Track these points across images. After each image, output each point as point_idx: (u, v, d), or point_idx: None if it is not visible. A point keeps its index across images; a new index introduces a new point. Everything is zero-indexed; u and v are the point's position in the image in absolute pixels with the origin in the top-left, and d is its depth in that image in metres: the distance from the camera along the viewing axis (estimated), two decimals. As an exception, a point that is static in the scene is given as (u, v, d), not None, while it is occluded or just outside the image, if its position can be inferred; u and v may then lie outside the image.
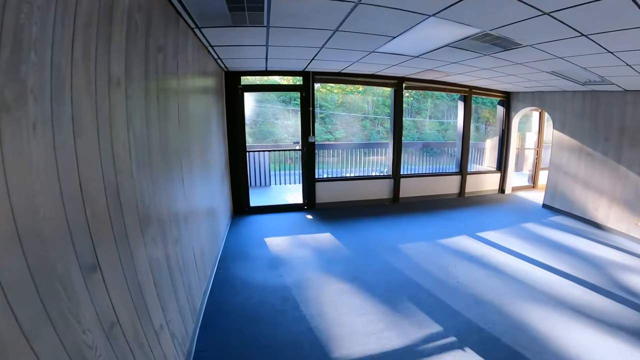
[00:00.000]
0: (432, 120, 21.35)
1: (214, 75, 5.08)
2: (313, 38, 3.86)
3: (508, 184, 9.22)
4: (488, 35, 3.43)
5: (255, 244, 5.17)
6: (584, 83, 6.06)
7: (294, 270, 4.37)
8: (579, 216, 7.32)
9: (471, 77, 6.55)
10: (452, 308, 3.71)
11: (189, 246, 2.99)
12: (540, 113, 9.96)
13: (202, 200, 3.75)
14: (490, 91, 8.39)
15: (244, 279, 4.12)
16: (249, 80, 7.49)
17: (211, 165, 4.47)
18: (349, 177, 7.56)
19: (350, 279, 4.20)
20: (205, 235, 3.84)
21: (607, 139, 6.75)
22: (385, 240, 5.48)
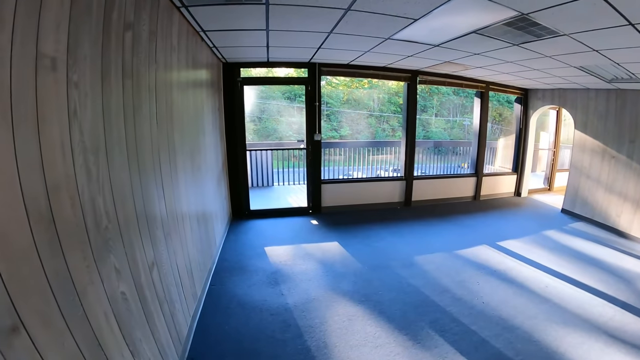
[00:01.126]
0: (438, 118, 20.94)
1: (209, 66, 4.56)
2: (320, 21, 3.33)
3: (524, 187, 8.77)
4: (525, 19, 3.01)
5: (254, 254, 4.63)
6: (610, 80, 5.72)
7: (296, 287, 3.85)
8: (601, 223, 6.92)
9: (491, 71, 6.08)
10: (479, 336, 3.26)
11: (171, 267, 2.49)
12: (558, 112, 9.47)
13: (191, 206, 3.25)
14: (508, 87, 7.90)
15: (240, 298, 3.61)
16: (249, 73, 6.98)
17: (204, 166, 3.96)
18: (357, 179, 7.04)
19: (361, 299, 3.69)
20: (195, 248, 3.33)
21: (633, 141, 6.33)
22: (398, 251, 4.97)
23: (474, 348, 3.10)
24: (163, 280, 2.26)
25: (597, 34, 3.27)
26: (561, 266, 4.93)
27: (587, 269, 4.97)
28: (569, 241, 6.07)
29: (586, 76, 5.61)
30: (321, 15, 3.13)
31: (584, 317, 3.80)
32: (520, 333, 3.35)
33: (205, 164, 4.05)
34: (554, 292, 4.22)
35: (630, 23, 2.87)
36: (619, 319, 3.86)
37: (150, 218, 2.09)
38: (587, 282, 4.55)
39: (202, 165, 3.82)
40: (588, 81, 6.11)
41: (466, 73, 6.57)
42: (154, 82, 2.25)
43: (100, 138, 1.53)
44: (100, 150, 1.53)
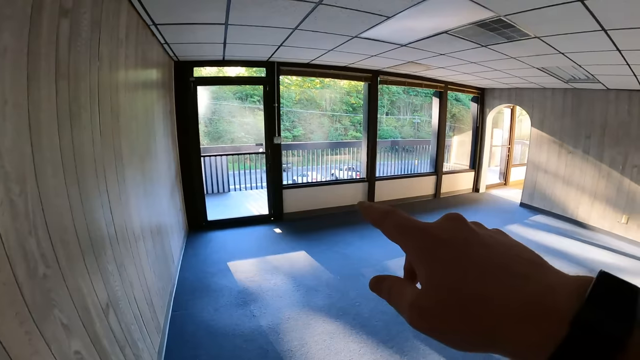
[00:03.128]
0: (389, 117, 21.23)
1: (160, 64, 4.11)
2: (287, 14, 3.02)
3: (482, 183, 8.98)
4: (500, 21, 2.96)
5: (217, 271, 4.22)
6: (568, 81, 5.96)
7: (268, 306, 3.51)
8: (560, 215, 7.21)
9: (452, 71, 6.07)
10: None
11: (129, 303, 2.10)
12: (513, 110, 9.82)
13: (145, 225, 2.83)
14: (466, 87, 8.02)
15: (208, 324, 3.22)
16: (201, 72, 6.51)
17: (156, 177, 3.51)
18: (320, 183, 6.77)
19: (339, 313, 3.43)
20: (153, 272, 2.89)
21: (589, 137, 6.66)
22: (368, 256, 4.76)
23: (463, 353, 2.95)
24: (122, 321, 1.88)
25: (568, 38, 3.31)
26: None
27: (553, 261, 4.97)
28: (531, 234, 6.20)
29: (545, 76, 5.74)
30: (289, 8, 2.84)
31: None
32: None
33: (158, 175, 3.59)
34: None
35: (604, 29, 2.91)
36: None
37: (98, 249, 1.70)
38: None
39: (154, 176, 3.37)
40: (546, 81, 6.28)
41: (427, 73, 6.53)
42: (97, 82, 1.85)
43: (26, 159, 1.15)
44: (27, 176, 1.14)
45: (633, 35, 3.00)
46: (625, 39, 3.13)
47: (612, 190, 6.42)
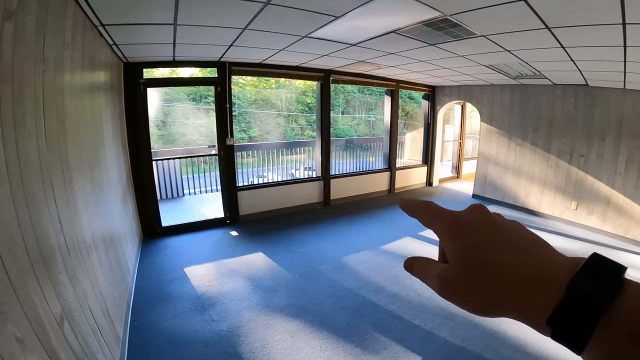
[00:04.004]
0: (345, 116, 21.45)
1: (109, 66, 3.97)
2: (236, 14, 3.01)
3: (435, 177, 9.32)
4: (446, 20, 3.04)
5: (174, 278, 4.12)
6: (516, 77, 6.24)
7: (227, 310, 3.48)
8: (512, 204, 7.59)
9: (403, 70, 6.23)
10: (423, 329, 3.27)
11: (84, 314, 2.03)
12: (463, 106, 10.27)
13: (96, 234, 2.73)
14: (417, 85, 8.29)
15: (168, 332, 3.15)
16: (152, 74, 6.31)
17: (107, 184, 3.39)
18: (275, 183, 6.73)
19: (299, 312, 3.46)
20: (108, 282, 2.80)
21: (537, 130, 7.05)
22: (325, 253, 4.82)
23: (422, 342, 3.10)
24: (78, 334, 1.82)
25: (514, 36, 3.42)
26: None
27: None
28: (484, 224, 6.46)
29: (493, 73, 5.95)
30: (238, 8, 2.82)
31: None
32: (461, 319, 3.42)
33: (108, 181, 3.47)
34: None
35: (547, 27, 3.02)
36: None
37: (49, 260, 1.64)
38: None
39: (104, 183, 3.25)
40: (494, 78, 6.54)
41: (378, 72, 6.65)
42: (42, 87, 1.78)
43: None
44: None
45: (576, 33, 3.14)
46: (569, 36, 3.28)
47: (560, 178, 6.84)
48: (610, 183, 6.30)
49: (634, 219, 6.06)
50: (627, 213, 6.14)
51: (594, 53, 3.92)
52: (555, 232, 6.32)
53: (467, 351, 3.01)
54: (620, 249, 5.84)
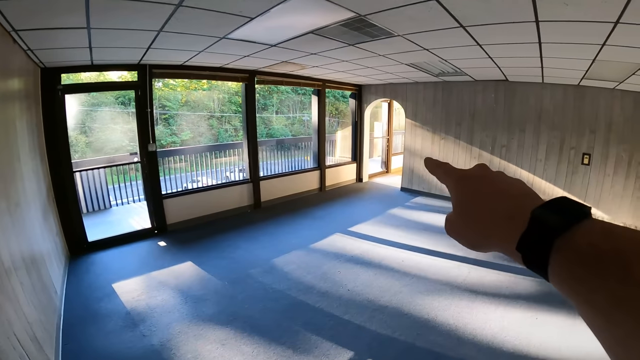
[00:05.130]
0: (279, 116, 21.42)
1: (25, 73, 3.70)
2: (148, 17, 2.92)
3: (365, 173, 9.61)
4: (362, 20, 3.10)
5: (103, 295, 3.92)
6: (438, 75, 6.49)
7: (158, 324, 3.38)
8: (438, 194, 8.00)
9: (327, 70, 6.32)
10: (354, 324, 3.36)
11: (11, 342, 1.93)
12: (390, 104, 10.63)
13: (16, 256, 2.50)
14: (344, 84, 8.47)
15: (101, 352, 3.01)
16: (75, 78, 5.96)
17: (24, 201, 3.12)
18: (203, 188, 6.53)
19: (229, 319, 3.44)
20: (33, 306, 2.59)
21: (460, 124, 7.50)
22: (256, 257, 4.81)
23: (353, 337, 3.18)
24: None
25: (430, 35, 3.51)
26: (412, 239, 5.40)
27: (435, 237, 5.57)
28: (413, 215, 6.74)
29: (416, 72, 6.15)
30: (150, 11, 2.74)
31: (444, 281, 4.22)
32: (391, 310, 3.55)
33: (26, 199, 3.23)
34: (411, 264, 4.59)
35: (462, 25, 3.13)
36: (475, 274, 4.44)
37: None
38: (438, 249, 5.09)
39: (21, 201, 3.03)
40: (417, 76, 6.79)
41: (304, 72, 6.69)
42: None
43: None
44: None
45: (491, 31, 3.27)
46: (484, 34, 3.41)
47: None
48: (532, 170, 6.88)
49: None
50: (549, 196, 6.58)
51: (510, 50, 4.10)
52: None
53: (398, 341, 3.14)
54: None
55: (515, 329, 3.43)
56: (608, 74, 4.90)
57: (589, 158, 6.39)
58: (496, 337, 3.28)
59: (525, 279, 4.48)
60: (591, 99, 6.20)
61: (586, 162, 6.43)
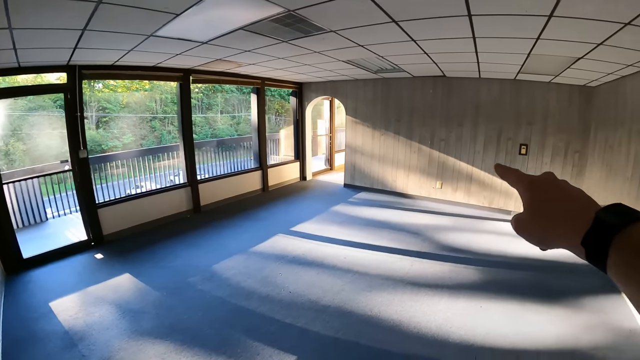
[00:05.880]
0: (224, 115, 21.06)
1: None
2: (71, 15, 2.77)
3: (308, 171, 9.64)
4: (292, 16, 3.05)
5: (40, 316, 3.66)
6: (376, 71, 6.57)
7: (96, 342, 3.20)
8: (381, 189, 8.20)
9: (265, 67, 6.25)
10: (296, 327, 3.35)
11: None
12: (331, 101, 10.76)
13: None
14: (284, 82, 8.44)
15: None
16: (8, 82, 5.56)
17: None
18: (139, 194, 6.20)
19: (168, 331, 3.33)
20: None
21: (399, 120, 7.69)
22: (196, 264, 4.67)
23: (296, 340, 3.17)
24: None
25: (363, 31, 3.51)
26: (354, 235, 5.46)
27: (378, 232, 5.66)
28: (356, 211, 6.83)
29: (354, 69, 6.19)
30: (71, 8, 2.60)
31: (386, 275, 4.29)
32: (333, 310, 3.56)
33: None
34: (353, 261, 4.63)
35: (394, 20, 3.13)
36: (417, 267, 4.55)
37: None
38: (380, 244, 5.18)
39: None
40: (356, 73, 6.83)
41: (241, 70, 6.57)
42: None
43: None
44: None
45: (424, 26, 3.30)
46: (418, 29, 3.44)
47: (424, 162, 7.59)
48: (470, 162, 7.21)
49: (496, 191, 7.09)
50: (489, 186, 7.13)
51: (445, 45, 4.17)
52: (424, 210, 6.97)
53: (341, 341, 3.15)
54: (487, 219, 6.74)
55: (460, 319, 3.53)
56: (543, 67, 5.12)
57: (526, 148, 6.81)
58: (441, 328, 3.37)
59: (467, 268, 4.65)
60: (527, 92, 6.59)
61: (523, 152, 6.84)
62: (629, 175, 4.55)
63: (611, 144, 5.30)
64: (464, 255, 5.10)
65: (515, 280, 4.48)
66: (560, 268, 4.85)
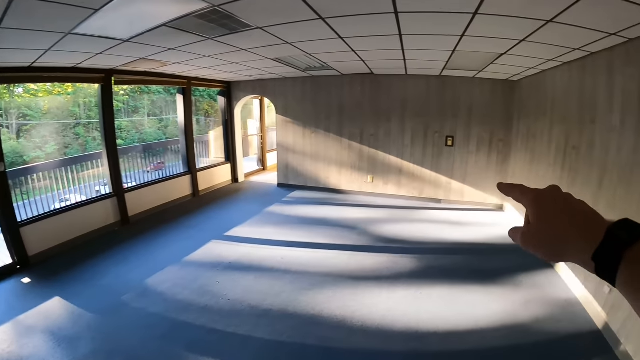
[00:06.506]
0: (152, 118, 20.06)
1: None
2: None
3: (240, 173, 9.47)
4: (217, 12, 2.96)
5: None
6: (305, 69, 6.63)
7: None
8: (314, 187, 8.28)
9: (191, 66, 6.05)
10: (239, 335, 3.27)
11: None
12: (261, 100, 10.62)
13: None
14: (211, 82, 8.22)
15: None
16: None
17: None
18: (63, 209, 5.66)
19: (107, 355, 3.10)
20: None
21: (329, 117, 7.83)
22: (128, 280, 4.37)
23: (240, 349, 3.09)
24: None
25: (290, 27, 3.48)
26: (291, 235, 5.46)
27: (314, 229, 5.71)
28: (291, 210, 6.84)
29: (283, 67, 6.17)
30: None
31: (325, 272, 4.31)
32: (276, 313, 3.51)
33: None
34: (291, 261, 4.62)
35: (321, 17, 3.13)
36: (355, 260, 4.65)
37: None
38: (317, 241, 5.22)
39: None
40: (285, 71, 6.83)
41: (166, 70, 6.31)
42: None
43: None
44: None
45: (351, 23, 3.33)
46: (345, 26, 3.46)
47: (355, 157, 7.79)
48: (400, 155, 7.56)
49: (426, 181, 7.54)
50: (419, 177, 7.55)
51: (373, 43, 4.26)
52: (358, 205, 7.12)
53: (287, 344, 3.11)
54: (419, 208, 7.12)
55: (402, 308, 3.64)
56: (468, 63, 5.45)
57: (452, 140, 7.29)
58: (385, 319, 3.44)
59: (403, 257, 4.81)
60: (452, 87, 7.06)
61: (450, 143, 7.32)
62: (552, 161, 5.01)
63: (534, 133, 5.85)
64: (400, 245, 5.29)
65: (451, 265, 4.75)
66: (491, 250, 5.18)
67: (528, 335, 3.33)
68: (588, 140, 4.05)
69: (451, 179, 7.46)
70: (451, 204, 7.52)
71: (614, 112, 3.52)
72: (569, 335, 3.37)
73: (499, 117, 6.96)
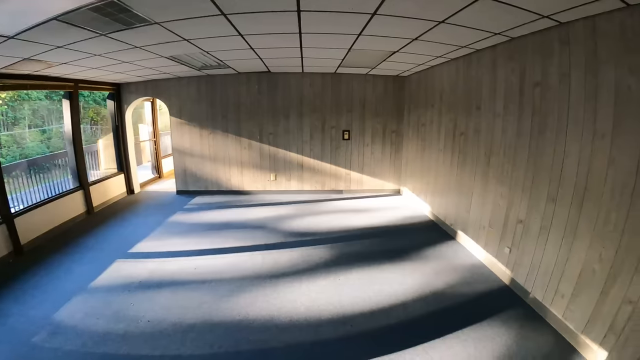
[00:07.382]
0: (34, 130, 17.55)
1: None
2: None
3: (135, 183, 8.86)
4: (114, 4, 2.75)
5: None
6: (200, 68, 6.46)
7: None
8: (216, 190, 8.20)
9: (79, 67, 5.47)
10: (169, 356, 3.06)
11: None
12: (153, 102, 10.01)
13: None
14: (99, 84, 7.47)
15: None
16: None
17: None
18: None
19: None
20: None
21: (225, 117, 7.80)
22: (34, 319, 3.69)
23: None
24: None
25: (190, 23, 3.39)
26: (199, 243, 5.34)
27: (222, 234, 5.71)
28: (195, 217, 6.66)
29: (178, 66, 5.96)
30: None
31: (242, 275, 4.32)
32: (201, 326, 3.41)
33: None
34: (206, 270, 4.52)
35: (223, 13, 3.08)
36: (269, 258, 4.74)
37: None
38: (227, 245, 5.23)
39: None
40: (180, 70, 6.59)
41: (51, 71, 5.63)
42: None
43: None
44: None
45: (253, 20, 3.33)
46: (246, 23, 3.46)
47: (256, 156, 7.87)
48: (300, 151, 7.85)
49: (327, 174, 7.99)
50: (320, 171, 7.95)
51: (272, 41, 4.32)
52: (264, 204, 7.26)
53: (220, 354, 3.03)
54: (323, 200, 7.50)
55: (325, 296, 3.81)
56: (362, 61, 5.80)
57: (348, 133, 7.83)
58: (311, 310, 3.57)
59: (316, 249, 5.07)
60: (347, 83, 7.59)
61: (347, 137, 7.84)
62: (442, 147, 5.68)
63: (423, 122, 6.60)
64: (311, 237, 5.50)
65: (362, 249, 5.10)
66: (396, 231, 5.68)
67: (445, 300, 3.78)
68: (474, 125, 4.71)
69: (350, 170, 8.05)
70: (352, 193, 8.15)
71: (497, 100, 4.17)
72: (482, 293, 3.89)
73: (390, 110, 7.73)
